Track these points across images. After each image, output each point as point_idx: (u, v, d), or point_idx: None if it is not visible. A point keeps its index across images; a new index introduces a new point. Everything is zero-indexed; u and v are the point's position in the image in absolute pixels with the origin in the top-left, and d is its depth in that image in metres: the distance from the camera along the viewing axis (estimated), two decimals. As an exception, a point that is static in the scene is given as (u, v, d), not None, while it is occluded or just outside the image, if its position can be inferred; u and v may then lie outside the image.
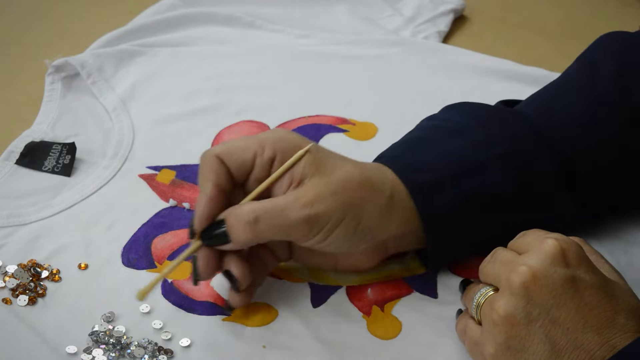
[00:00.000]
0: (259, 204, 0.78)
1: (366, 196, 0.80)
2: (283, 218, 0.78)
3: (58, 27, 1.16)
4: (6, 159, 0.96)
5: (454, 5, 1.17)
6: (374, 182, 0.81)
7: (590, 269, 0.73)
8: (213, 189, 0.79)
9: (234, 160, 0.80)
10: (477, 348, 0.75)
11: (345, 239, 0.80)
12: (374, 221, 0.80)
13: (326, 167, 0.80)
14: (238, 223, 0.78)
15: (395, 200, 0.81)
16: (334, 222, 0.79)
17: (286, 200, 0.78)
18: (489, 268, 0.76)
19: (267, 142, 0.80)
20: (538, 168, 0.84)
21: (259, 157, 0.80)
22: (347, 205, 0.79)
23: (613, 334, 0.70)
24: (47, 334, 0.81)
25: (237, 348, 0.81)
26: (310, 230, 0.78)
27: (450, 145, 0.84)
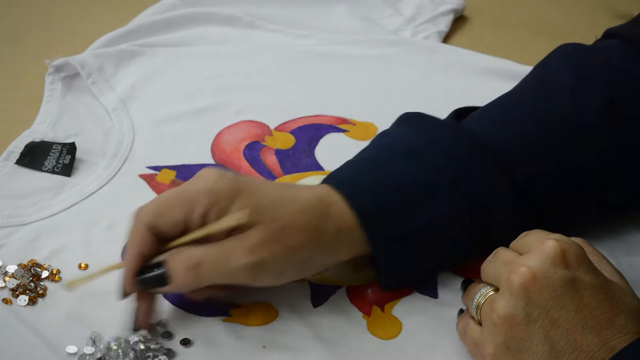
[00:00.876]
0: (202, 250, 0.77)
1: (311, 240, 0.79)
2: (226, 265, 0.77)
3: (58, 27, 1.15)
4: (6, 159, 0.96)
5: (454, 5, 1.17)
6: (318, 224, 0.79)
7: (590, 270, 0.73)
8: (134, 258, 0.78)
9: (164, 224, 0.78)
10: (477, 348, 0.75)
11: (295, 276, 0.81)
12: (322, 259, 0.81)
13: (267, 210, 0.78)
14: (179, 267, 0.77)
15: (342, 234, 0.80)
16: (279, 268, 0.78)
17: (230, 245, 0.77)
18: (490, 268, 0.76)
19: (197, 199, 0.77)
20: (492, 189, 0.83)
21: (191, 214, 0.78)
22: (293, 250, 0.78)
23: (612, 336, 0.70)
24: (47, 334, 0.81)
25: (237, 348, 0.81)
26: (255, 277, 0.78)
27: (401, 169, 0.82)
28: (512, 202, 0.83)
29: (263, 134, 1.00)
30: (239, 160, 0.97)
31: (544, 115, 0.85)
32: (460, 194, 0.82)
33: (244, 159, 0.97)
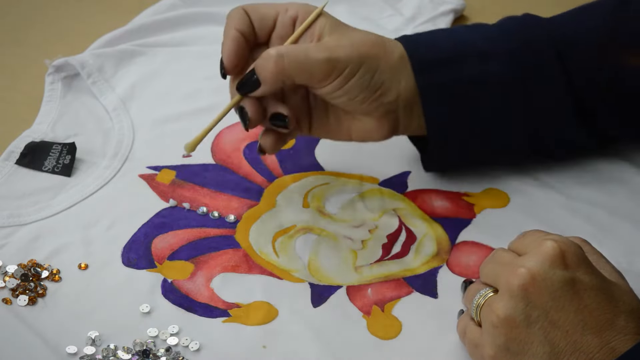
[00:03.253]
0: (284, 46, 0.86)
1: (379, 53, 0.88)
2: (305, 56, 0.85)
3: (58, 27, 1.15)
4: (6, 159, 0.96)
5: (454, 5, 1.17)
6: (386, 44, 0.89)
7: (589, 270, 0.73)
8: (235, 32, 0.87)
9: (257, 13, 0.88)
10: (477, 350, 0.75)
11: (361, 89, 0.87)
12: (386, 75, 0.88)
13: (344, 27, 0.88)
14: (265, 61, 0.85)
15: (404, 62, 0.89)
16: (351, 69, 0.86)
17: (310, 44, 0.87)
18: (489, 269, 0.76)
19: (290, 5, 0.89)
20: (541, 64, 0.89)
21: (282, 15, 0.88)
22: (363, 56, 0.86)
23: (612, 336, 0.70)
24: (47, 334, 0.81)
25: (237, 348, 0.81)
26: (331, 72, 0.85)
27: (464, 36, 0.92)
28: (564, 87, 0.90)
29: (263, 134, 1.00)
30: (239, 160, 0.97)
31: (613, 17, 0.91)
32: (515, 62, 0.89)
33: (244, 159, 0.97)
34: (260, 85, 0.85)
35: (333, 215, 0.92)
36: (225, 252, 0.88)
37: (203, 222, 0.91)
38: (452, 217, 0.92)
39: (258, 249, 0.89)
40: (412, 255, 0.89)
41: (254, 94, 0.86)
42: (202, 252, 0.88)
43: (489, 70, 0.89)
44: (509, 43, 0.90)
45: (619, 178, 0.95)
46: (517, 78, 0.89)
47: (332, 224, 0.91)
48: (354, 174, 0.96)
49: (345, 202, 0.94)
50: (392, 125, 0.90)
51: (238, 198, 0.94)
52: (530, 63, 0.90)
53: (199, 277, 0.86)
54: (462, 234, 0.91)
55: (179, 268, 0.87)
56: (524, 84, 0.90)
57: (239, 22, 0.87)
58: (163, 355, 0.80)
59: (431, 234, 0.91)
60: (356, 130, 0.90)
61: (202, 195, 0.93)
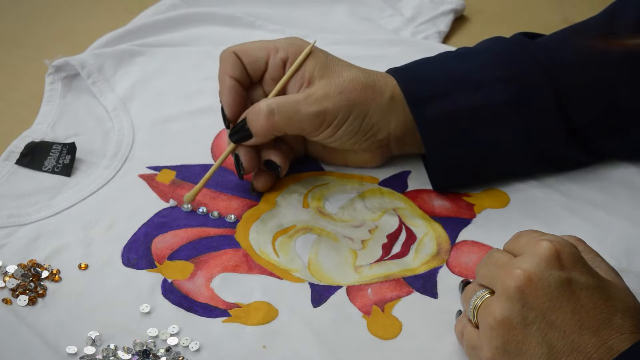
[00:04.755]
0: (274, 99, 0.89)
1: (369, 96, 0.90)
2: (295, 111, 0.88)
3: (58, 27, 1.15)
4: (6, 159, 0.96)
5: (454, 5, 1.17)
6: (376, 85, 0.91)
7: (585, 270, 0.73)
8: (230, 80, 0.91)
9: (249, 57, 0.91)
10: (474, 352, 0.75)
11: (352, 134, 0.90)
12: (376, 118, 0.90)
13: (333, 70, 0.90)
14: (256, 116, 0.88)
15: (396, 102, 0.91)
16: (341, 119, 0.89)
17: (298, 96, 0.89)
18: (484, 270, 0.76)
19: (280, 45, 0.91)
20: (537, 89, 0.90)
21: (272, 57, 0.91)
22: (352, 103, 0.89)
23: (610, 336, 0.70)
24: (47, 334, 0.81)
25: (237, 348, 0.81)
26: (321, 125, 0.89)
27: (453, 66, 0.93)
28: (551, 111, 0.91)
29: (263, 134, 1.00)
30: (239, 160, 0.97)
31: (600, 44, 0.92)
32: (509, 90, 0.91)
33: (244, 159, 0.97)
34: (252, 138, 0.90)
35: (333, 215, 0.92)
36: (225, 252, 0.88)
37: (203, 222, 0.91)
38: (452, 217, 0.92)
39: (258, 249, 0.89)
40: (412, 255, 0.89)
41: (246, 144, 0.90)
42: (202, 252, 0.88)
43: (479, 100, 0.91)
44: (498, 71, 0.91)
45: (619, 178, 0.95)
46: (508, 103, 0.90)
47: (332, 224, 0.91)
48: (354, 174, 0.96)
49: (345, 202, 0.94)
50: (384, 155, 0.95)
51: (238, 198, 0.94)
52: (521, 90, 0.91)
53: (199, 277, 0.86)
54: (462, 234, 0.91)
55: (179, 268, 0.87)
56: (515, 110, 0.91)
57: (233, 68, 0.91)
58: (163, 355, 0.80)
59: (431, 233, 0.91)
60: (351, 160, 0.96)
61: (202, 195, 0.93)
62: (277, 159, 0.91)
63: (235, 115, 0.91)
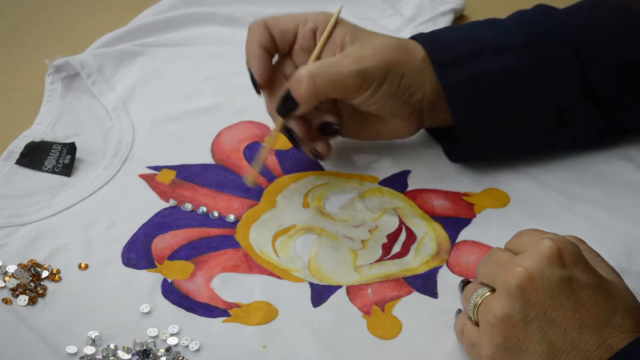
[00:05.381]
0: (312, 64, 0.90)
1: (403, 57, 0.91)
2: (336, 72, 0.89)
3: (58, 27, 1.15)
4: (6, 159, 0.96)
5: (454, 5, 1.17)
6: (408, 47, 0.92)
7: (586, 268, 0.73)
8: (258, 48, 0.91)
9: (278, 28, 0.92)
10: (474, 349, 0.75)
11: (391, 94, 0.90)
12: (412, 78, 0.91)
13: (364, 35, 0.92)
14: (298, 83, 0.89)
15: (427, 64, 0.91)
16: (381, 78, 0.89)
17: (335, 58, 0.90)
18: (485, 269, 0.76)
19: (309, 16, 0.92)
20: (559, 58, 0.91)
21: (302, 28, 0.92)
22: (389, 63, 0.89)
23: (610, 334, 0.70)
24: (47, 334, 0.81)
25: (237, 348, 0.81)
26: (362, 84, 0.89)
27: (479, 33, 0.93)
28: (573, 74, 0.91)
29: (263, 135, 1.00)
30: (239, 160, 0.97)
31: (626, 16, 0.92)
32: (532, 54, 0.91)
33: (244, 159, 0.97)
34: (298, 106, 0.90)
35: (333, 215, 0.92)
36: (225, 252, 0.88)
37: (203, 222, 0.91)
38: (452, 217, 0.92)
39: (258, 249, 0.89)
40: (412, 255, 0.89)
41: (294, 114, 0.90)
42: (202, 252, 0.88)
43: (502, 64, 0.91)
44: (522, 36, 0.92)
45: (619, 178, 0.95)
46: (532, 69, 0.91)
47: (332, 224, 0.91)
48: (354, 173, 0.96)
49: (345, 202, 0.94)
50: (417, 123, 0.94)
51: (238, 198, 0.94)
52: (543, 55, 0.91)
53: (199, 277, 0.86)
54: (462, 234, 0.91)
55: (179, 268, 0.87)
56: (539, 74, 0.91)
57: (261, 37, 0.92)
58: (163, 355, 0.80)
59: (431, 233, 0.91)
60: (384, 130, 0.95)
61: (202, 195, 0.93)
62: (331, 118, 0.92)
63: (265, 79, 0.92)
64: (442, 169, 0.96)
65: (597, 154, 0.97)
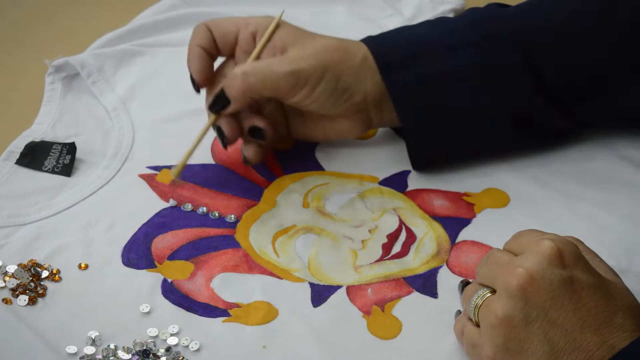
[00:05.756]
0: (247, 64, 0.90)
1: (342, 57, 0.91)
2: (270, 71, 0.89)
3: (58, 27, 1.15)
4: (6, 159, 0.96)
5: (454, 5, 1.17)
6: (348, 48, 0.92)
7: (587, 269, 0.73)
8: (198, 49, 0.92)
9: (219, 30, 0.93)
10: (475, 350, 0.75)
11: (328, 95, 0.90)
12: (351, 79, 0.91)
13: (305, 37, 0.92)
14: (232, 80, 0.89)
15: (368, 63, 0.91)
16: (315, 78, 0.89)
17: (272, 59, 0.91)
18: (485, 270, 0.76)
19: (251, 20, 0.93)
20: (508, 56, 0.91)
21: (243, 31, 0.92)
22: (326, 64, 0.90)
23: (611, 334, 0.70)
24: (47, 334, 0.81)
25: (237, 348, 0.81)
26: (296, 84, 0.89)
27: (427, 32, 0.94)
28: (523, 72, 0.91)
29: (263, 134, 1.00)
30: (239, 160, 0.97)
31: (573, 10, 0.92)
32: (480, 53, 0.91)
33: (244, 159, 0.97)
34: (230, 103, 0.90)
35: (333, 215, 0.92)
36: (225, 252, 0.88)
37: (203, 222, 0.91)
38: (452, 217, 0.92)
39: (258, 249, 0.89)
40: (412, 255, 0.89)
41: (226, 112, 0.91)
42: (202, 252, 0.88)
43: (450, 64, 0.91)
44: (469, 35, 0.92)
45: (619, 178, 0.95)
46: (477, 67, 0.91)
47: (332, 224, 0.91)
48: (354, 173, 0.96)
49: (345, 202, 0.94)
50: (365, 122, 0.94)
51: (238, 198, 0.94)
52: (491, 52, 0.91)
53: (199, 277, 0.86)
54: (462, 234, 0.91)
55: (179, 268, 0.87)
56: (485, 73, 0.91)
57: (201, 38, 0.93)
58: (163, 355, 0.80)
59: (431, 233, 0.91)
60: (331, 130, 0.95)
61: (202, 195, 0.93)
62: (260, 123, 0.92)
63: (203, 78, 0.93)
64: (442, 169, 0.96)
65: (597, 154, 0.97)
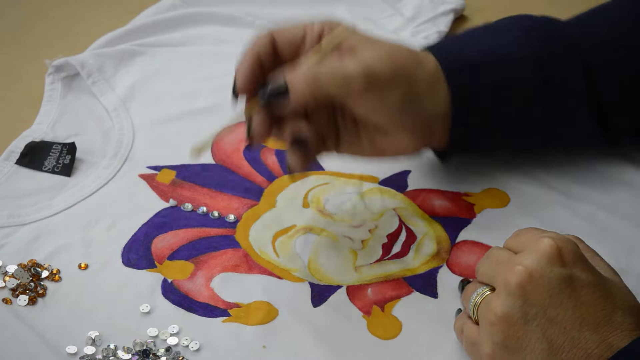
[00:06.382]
0: (316, 58, 0.82)
1: (415, 64, 0.85)
2: (341, 66, 0.81)
3: (58, 27, 1.15)
4: (6, 159, 0.96)
5: (454, 5, 1.17)
6: (419, 55, 0.86)
7: (586, 267, 0.73)
8: (251, 55, 0.83)
9: (285, 35, 0.84)
10: (474, 348, 0.75)
11: (400, 102, 0.84)
12: (423, 89, 0.85)
13: (374, 39, 0.85)
14: (297, 72, 0.81)
15: (439, 76, 0.86)
16: (389, 81, 0.83)
17: (345, 58, 0.82)
18: (485, 267, 0.76)
19: (316, 20, 0.85)
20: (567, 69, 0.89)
21: (309, 32, 0.84)
22: (400, 67, 0.84)
23: (610, 332, 0.70)
24: (47, 334, 0.81)
25: (237, 348, 0.81)
26: (368, 86, 0.82)
27: (487, 41, 0.90)
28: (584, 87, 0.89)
29: (263, 134, 1.00)
30: (239, 160, 0.97)
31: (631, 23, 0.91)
32: (538, 67, 0.88)
33: (244, 159, 0.97)
34: (288, 95, 0.80)
35: (333, 215, 0.92)
36: (225, 252, 0.89)
37: (203, 222, 0.91)
38: (452, 217, 0.92)
39: (258, 249, 0.89)
40: (412, 255, 0.89)
41: (278, 106, 0.81)
42: (202, 252, 0.88)
43: (513, 76, 0.89)
44: (531, 48, 0.89)
45: (619, 178, 0.95)
46: (539, 82, 0.89)
47: (332, 224, 0.91)
48: (354, 173, 0.96)
49: (345, 202, 0.94)
50: (427, 139, 0.88)
51: (238, 198, 0.94)
52: (552, 66, 0.89)
53: (199, 277, 0.86)
54: (462, 234, 0.91)
55: (179, 268, 0.87)
56: (546, 87, 0.89)
57: (260, 46, 0.83)
58: (163, 355, 0.80)
59: (431, 233, 0.91)
60: (390, 146, 0.87)
61: (202, 195, 0.93)
62: (306, 131, 0.82)
63: (247, 85, 0.82)
64: (442, 169, 0.96)
65: (597, 154, 0.97)
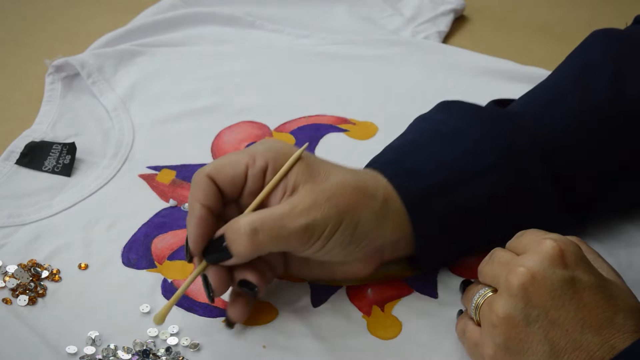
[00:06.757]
0: (256, 215, 0.78)
1: (360, 201, 0.79)
2: (281, 228, 0.77)
3: (58, 27, 1.16)
4: (6, 159, 0.96)
5: (454, 5, 1.17)
6: (367, 188, 0.80)
7: (588, 269, 0.73)
8: (201, 209, 0.78)
9: (226, 176, 0.79)
10: (476, 349, 0.75)
11: (343, 246, 0.80)
12: (370, 226, 0.80)
13: (319, 173, 0.79)
14: (238, 237, 0.77)
15: (389, 205, 0.81)
16: (331, 229, 0.78)
17: (282, 209, 0.78)
18: (487, 269, 0.76)
19: (257, 153, 0.80)
20: (532, 175, 0.84)
21: (251, 169, 0.79)
22: (343, 211, 0.78)
23: (612, 334, 0.70)
24: (47, 334, 0.81)
25: (237, 348, 0.81)
26: (309, 239, 0.78)
27: (444, 153, 0.83)
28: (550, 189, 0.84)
29: (263, 135, 1.00)
30: (239, 160, 0.97)
31: (585, 105, 0.86)
32: (501, 178, 0.83)
33: (244, 159, 0.97)
34: (232, 258, 0.78)
35: (333, 215, 0.92)
36: (225, 252, 0.88)
37: (203, 222, 0.91)
38: (452, 217, 0.92)
39: (258, 249, 0.89)
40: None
41: (223, 264, 0.79)
42: (202, 252, 0.88)
43: (476, 193, 0.83)
44: (492, 156, 0.83)
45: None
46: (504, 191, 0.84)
47: (332, 224, 0.91)
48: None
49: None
50: (377, 262, 0.84)
51: (238, 198, 0.93)
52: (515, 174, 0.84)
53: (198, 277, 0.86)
54: (462, 234, 0.91)
55: (179, 268, 0.87)
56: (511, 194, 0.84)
57: (205, 195, 0.79)
58: (163, 355, 0.80)
59: (431, 234, 0.90)
60: (340, 272, 0.84)
61: (202, 195, 0.93)
62: (253, 279, 0.79)
63: (200, 249, 0.79)
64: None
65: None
